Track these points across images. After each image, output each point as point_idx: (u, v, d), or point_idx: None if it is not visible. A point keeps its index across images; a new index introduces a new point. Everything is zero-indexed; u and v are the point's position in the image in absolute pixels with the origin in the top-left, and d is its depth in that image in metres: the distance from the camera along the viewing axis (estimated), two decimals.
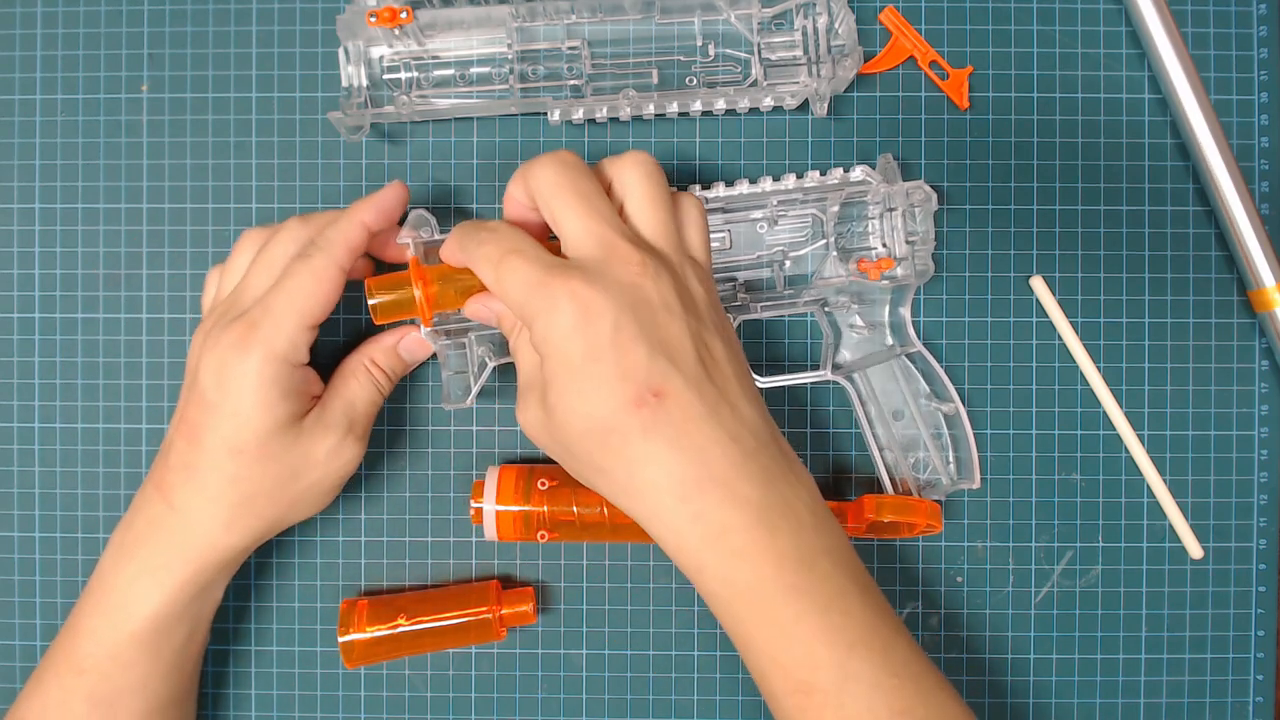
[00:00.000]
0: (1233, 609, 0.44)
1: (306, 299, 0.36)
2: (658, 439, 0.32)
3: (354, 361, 0.40)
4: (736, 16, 0.43)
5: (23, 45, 0.44)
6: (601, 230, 0.33)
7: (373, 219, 0.38)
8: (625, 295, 0.32)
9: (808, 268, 0.43)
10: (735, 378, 0.34)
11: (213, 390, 0.36)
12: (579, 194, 0.34)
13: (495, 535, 0.41)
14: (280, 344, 0.36)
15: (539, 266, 0.33)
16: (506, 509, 0.41)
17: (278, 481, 0.38)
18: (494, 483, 0.42)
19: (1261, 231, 0.42)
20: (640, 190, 0.35)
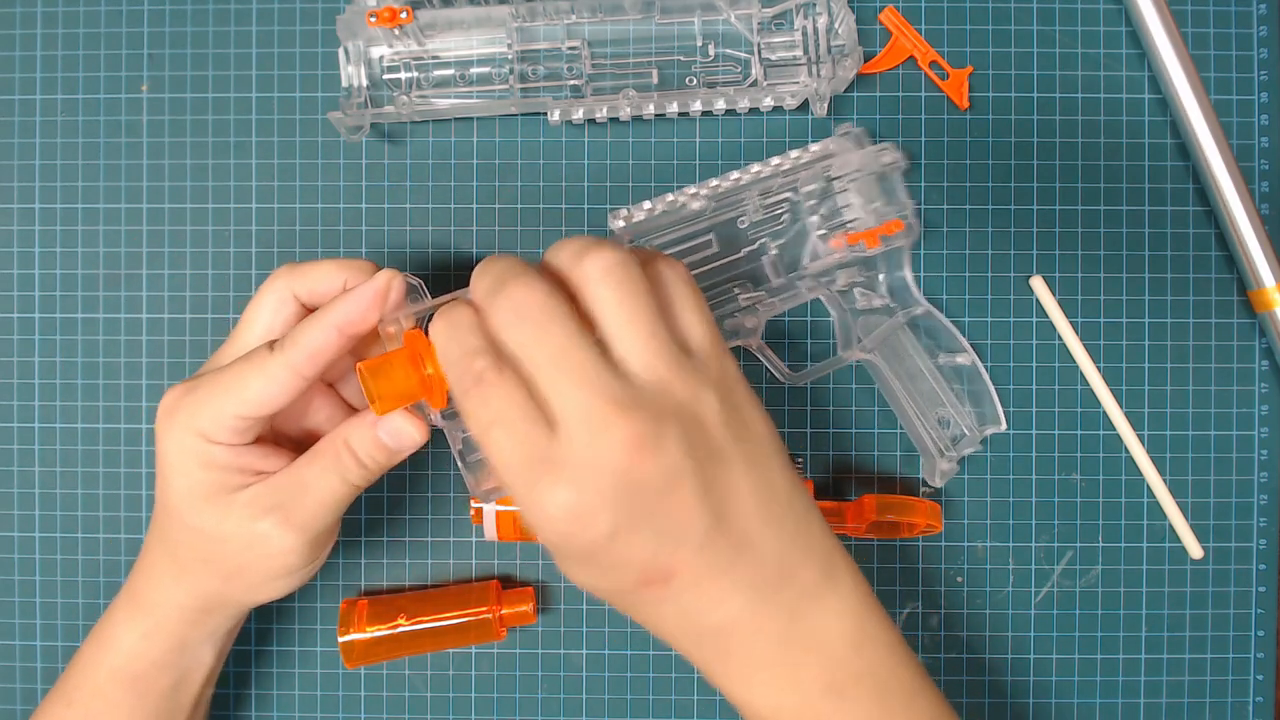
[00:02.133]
0: (1233, 609, 0.44)
1: (247, 392, 0.33)
2: (666, 610, 0.31)
3: (326, 441, 0.35)
4: (736, 16, 0.43)
5: (23, 45, 0.44)
6: (585, 400, 0.28)
7: (347, 322, 0.33)
8: (620, 485, 0.28)
9: (802, 258, 0.42)
10: (758, 512, 0.30)
11: (158, 439, 0.35)
12: (556, 350, 0.29)
13: (495, 535, 0.41)
14: (204, 422, 0.33)
15: (524, 456, 0.28)
16: (507, 509, 0.41)
17: (208, 552, 0.35)
18: None
19: (1261, 231, 0.42)
20: (616, 314, 0.30)
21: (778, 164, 0.41)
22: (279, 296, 0.36)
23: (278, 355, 0.33)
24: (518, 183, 0.44)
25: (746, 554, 0.30)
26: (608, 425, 0.28)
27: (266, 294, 0.36)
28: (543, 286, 0.29)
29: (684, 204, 0.39)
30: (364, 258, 0.39)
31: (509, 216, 0.44)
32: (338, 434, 0.35)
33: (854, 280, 0.43)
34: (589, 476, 0.28)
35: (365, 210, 0.44)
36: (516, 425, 0.29)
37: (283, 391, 0.33)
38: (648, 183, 0.44)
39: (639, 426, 0.28)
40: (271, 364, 0.33)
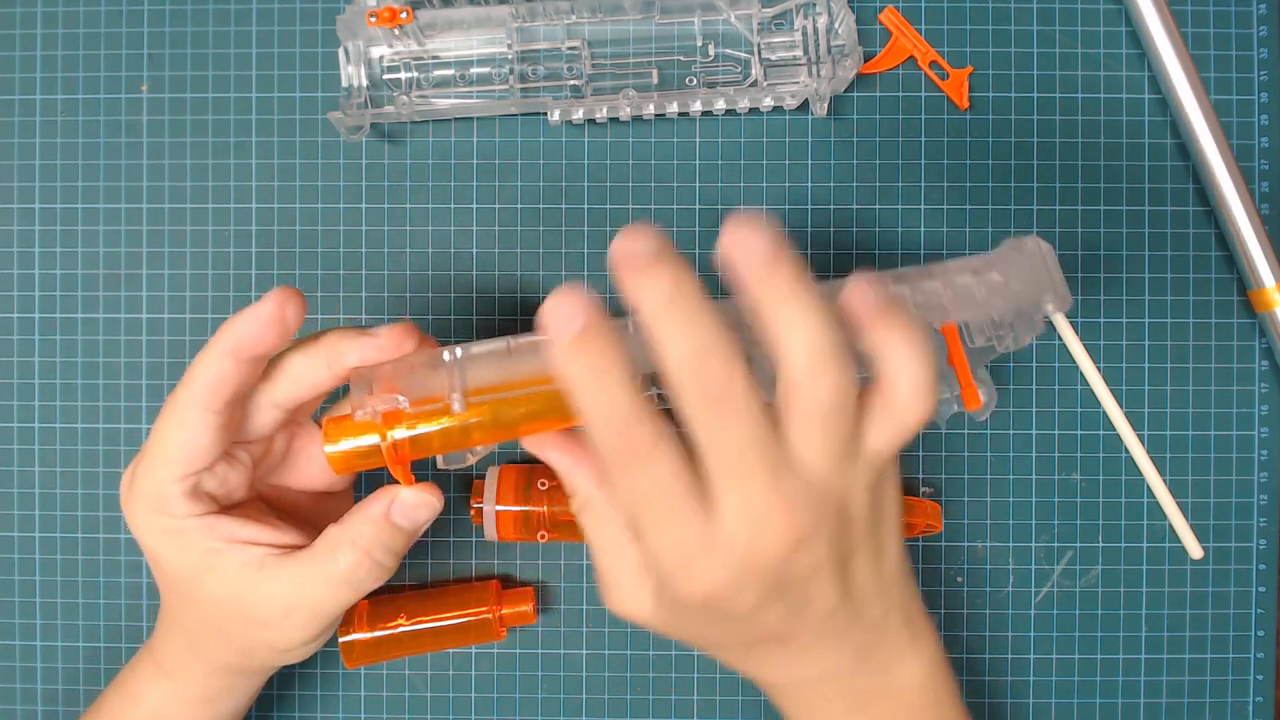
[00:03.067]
0: (1233, 609, 0.44)
1: (172, 447, 0.31)
2: (772, 664, 0.32)
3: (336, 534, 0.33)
4: (736, 16, 0.43)
5: (23, 45, 0.44)
6: (759, 498, 0.26)
7: (238, 347, 0.31)
8: (771, 576, 0.27)
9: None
10: (875, 589, 0.31)
11: None
12: (739, 448, 0.26)
13: (495, 535, 0.42)
14: (152, 498, 0.32)
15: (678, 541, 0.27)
16: (507, 509, 0.41)
17: (216, 624, 0.34)
18: (494, 483, 0.41)
19: (1261, 231, 0.42)
20: (810, 403, 0.27)
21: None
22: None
23: (178, 397, 0.32)
24: (518, 183, 0.44)
25: (860, 622, 0.31)
26: (772, 523, 0.26)
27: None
28: (743, 373, 0.26)
29: None
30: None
31: (509, 216, 0.44)
32: (350, 531, 0.33)
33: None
34: (743, 566, 0.27)
35: (365, 210, 0.44)
36: (674, 511, 0.27)
37: (203, 435, 0.31)
38: (648, 183, 0.44)
39: (800, 529, 0.27)
40: (180, 408, 0.31)
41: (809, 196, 0.44)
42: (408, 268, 0.44)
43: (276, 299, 0.31)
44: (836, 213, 0.44)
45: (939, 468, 0.44)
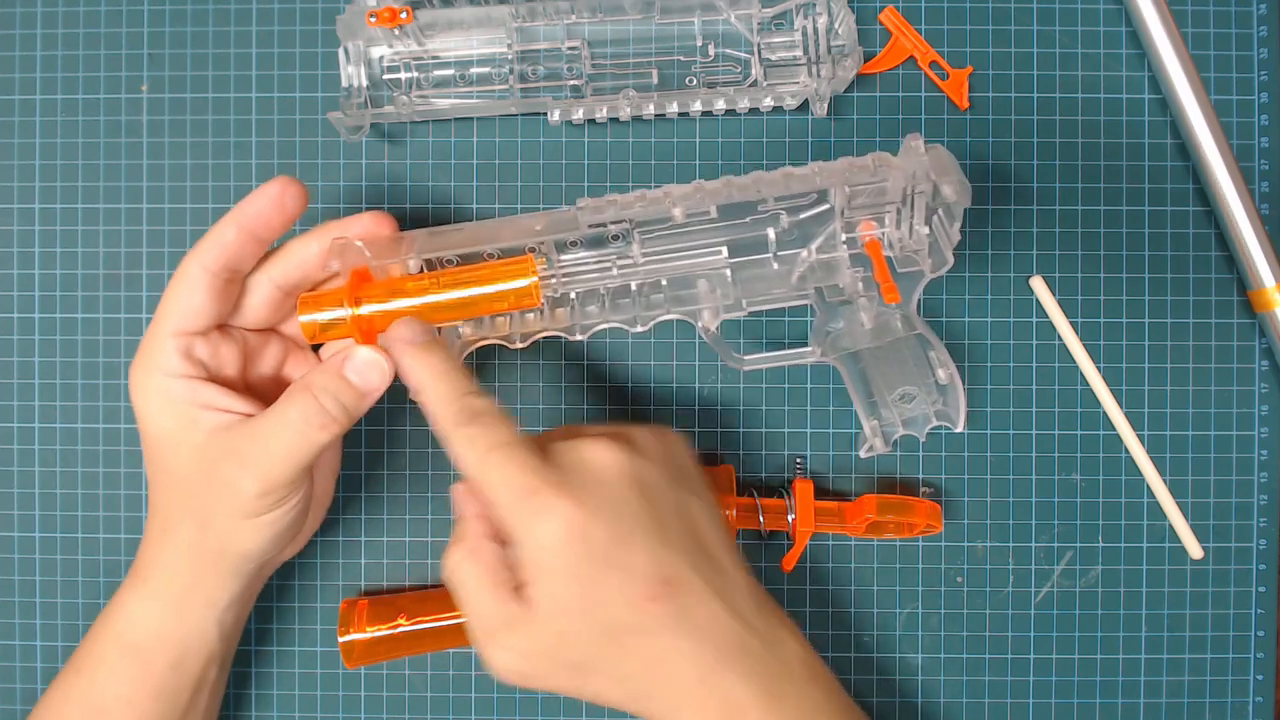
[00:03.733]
0: (1233, 609, 0.44)
1: (171, 304, 0.35)
2: (677, 630, 0.32)
3: (293, 387, 0.36)
4: (736, 16, 0.43)
5: (23, 45, 0.44)
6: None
7: (240, 216, 0.36)
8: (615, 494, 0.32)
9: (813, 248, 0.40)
10: (719, 542, 0.35)
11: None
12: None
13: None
14: (155, 356, 0.35)
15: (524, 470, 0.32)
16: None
17: (182, 498, 0.36)
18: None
19: (1261, 231, 0.42)
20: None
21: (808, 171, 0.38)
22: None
23: (185, 260, 0.35)
24: (518, 183, 0.44)
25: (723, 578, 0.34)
26: (594, 445, 0.34)
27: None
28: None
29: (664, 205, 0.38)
30: None
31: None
32: (304, 380, 0.36)
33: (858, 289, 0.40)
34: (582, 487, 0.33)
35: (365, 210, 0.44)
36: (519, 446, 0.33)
37: (203, 293, 0.35)
38: (648, 183, 0.44)
39: (621, 447, 0.34)
40: (183, 268, 0.35)
41: None
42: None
43: (278, 182, 0.36)
44: None
45: (939, 468, 0.44)
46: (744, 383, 0.44)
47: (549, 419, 0.44)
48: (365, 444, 0.44)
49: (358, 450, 0.44)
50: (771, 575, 0.44)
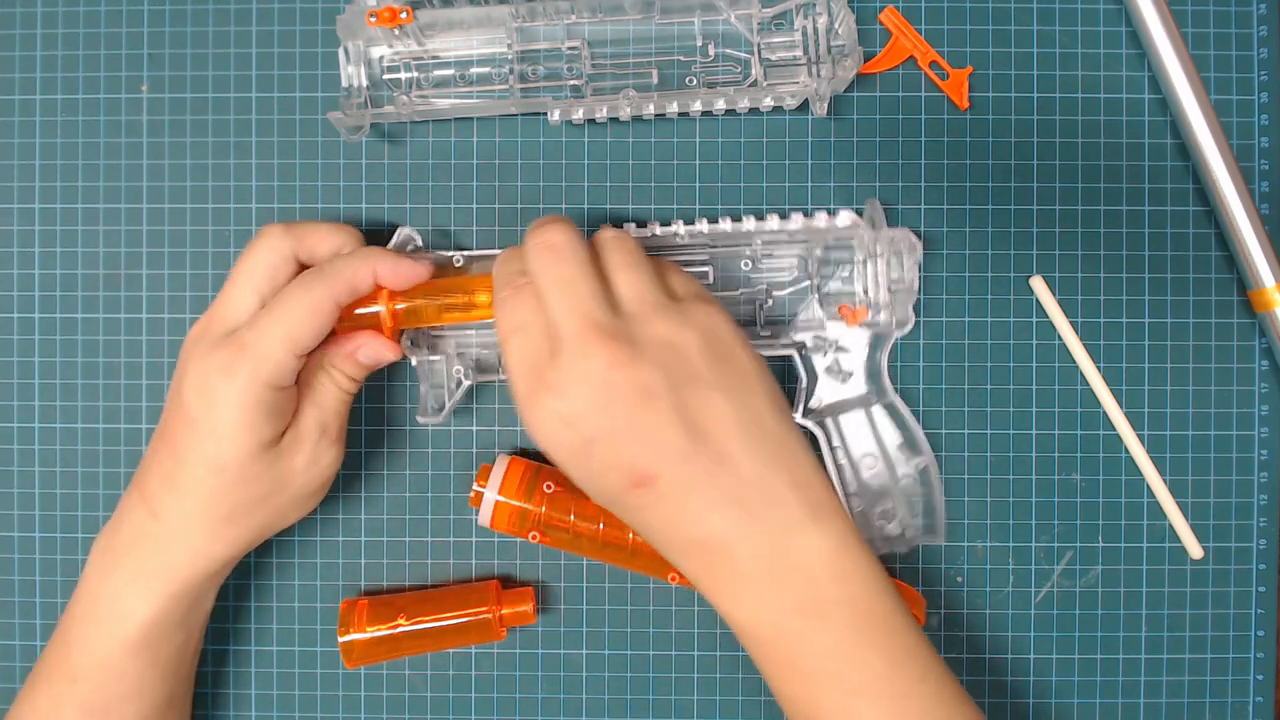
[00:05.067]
0: (1233, 609, 0.44)
1: (299, 327, 0.36)
2: (655, 514, 0.34)
3: (312, 366, 0.39)
4: (736, 16, 0.43)
5: (23, 45, 0.44)
6: (576, 324, 0.33)
7: (388, 273, 0.38)
8: (599, 396, 0.33)
9: (788, 310, 0.43)
10: (738, 434, 0.33)
11: (196, 407, 0.36)
12: (561, 281, 0.34)
13: (489, 522, 0.42)
14: (267, 370, 0.36)
15: (529, 363, 0.34)
16: (506, 501, 0.41)
17: (260, 497, 0.38)
18: (501, 472, 0.42)
19: (1261, 231, 0.42)
20: (618, 262, 0.36)
21: (797, 224, 0.42)
22: (280, 255, 0.38)
23: (319, 289, 0.36)
24: (518, 183, 0.44)
25: (726, 470, 0.33)
26: (590, 344, 0.33)
27: (263, 251, 0.38)
28: (568, 231, 0.35)
29: (679, 237, 0.42)
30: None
31: (509, 216, 0.44)
32: (321, 361, 0.39)
33: (832, 351, 0.42)
34: (574, 389, 0.33)
35: (365, 210, 0.44)
36: (531, 336, 0.34)
37: (328, 322, 0.37)
38: (648, 183, 0.44)
39: (617, 348, 0.33)
40: (317, 297, 0.36)
41: (809, 196, 0.44)
42: None
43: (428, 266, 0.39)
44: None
45: (940, 468, 0.44)
46: None
47: None
48: (365, 444, 0.44)
49: (358, 450, 0.44)
50: None
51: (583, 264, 0.35)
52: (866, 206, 0.42)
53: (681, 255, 0.42)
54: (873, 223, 0.42)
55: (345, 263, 0.37)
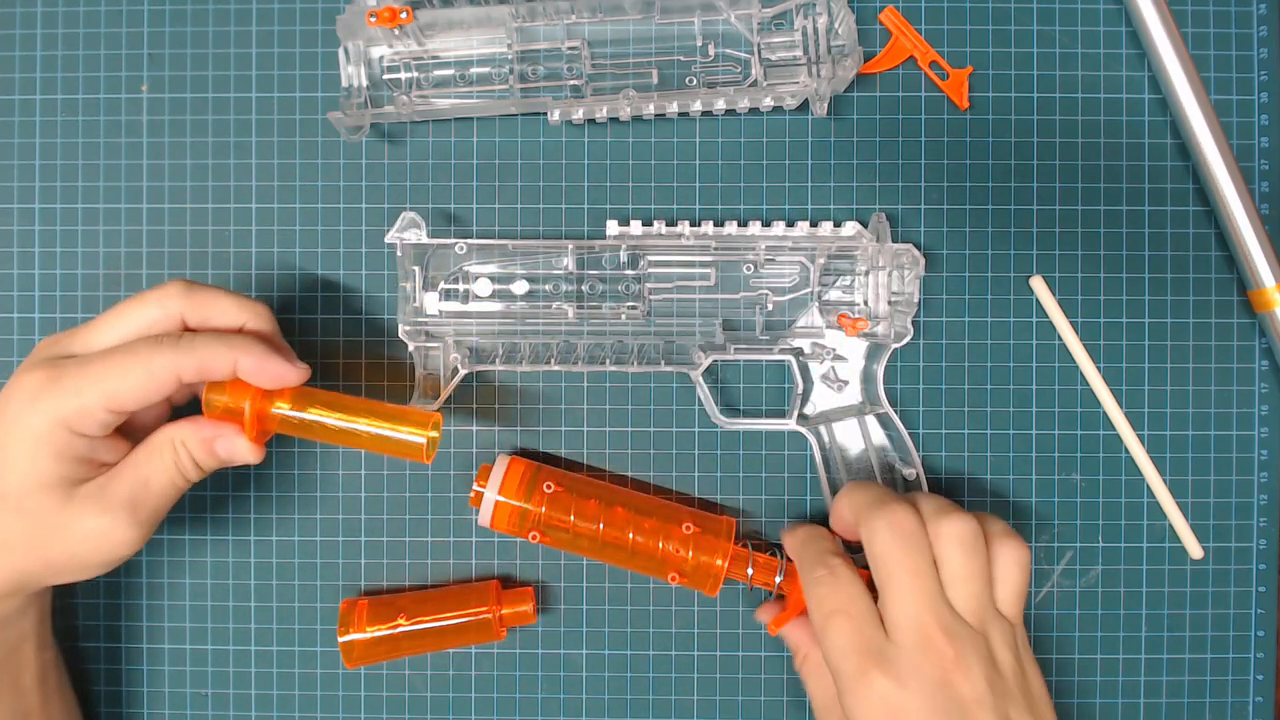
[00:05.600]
0: (1233, 609, 0.44)
1: (124, 385, 0.33)
2: None
3: (163, 436, 0.36)
4: (736, 16, 0.43)
5: (23, 45, 0.44)
6: (923, 619, 0.34)
7: (250, 369, 0.35)
8: (936, 695, 0.33)
9: (788, 315, 0.43)
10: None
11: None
12: (912, 571, 0.35)
13: (489, 523, 0.41)
14: (70, 411, 0.33)
15: (858, 646, 0.34)
16: (506, 501, 0.41)
17: (35, 539, 0.35)
18: (501, 472, 0.41)
19: (1261, 231, 0.42)
20: (960, 570, 0.35)
21: (801, 232, 0.42)
22: (166, 313, 0.36)
23: (167, 355, 0.34)
24: (518, 183, 0.44)
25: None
26: (933, 641, 0.34)
27: (154, 304, 0.36)
28: (919, 519, 0.36)
29: (685, 237, 0.42)
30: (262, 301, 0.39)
31: (509, 216, 0.44)
32: (174, 431, 0.36)
33: (828, 359, 0.43)
34: (912, 682, 0.33)
35: (365, 210, 0.44)
36: (856, 620, 0.35)
37: (160, 392, 0.34)
38: (648, 183, 0.44)
39: (956, 651, 0.34)
40: (158, 367, 0.34)
41: (809, 196, 0.44)
42: None
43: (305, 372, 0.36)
44: (836, 213, 0.44)
45: (940, 467, 0.44)
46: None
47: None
48: None
49: (358, 450, 0.44)
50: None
51: (929, 559, 0.35)
52: (872, 219, 0.42)
53: (685, 256, 0.42)
54: (877, 235, 0.42)
55: (209, 341, 0.35)
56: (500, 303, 0.42)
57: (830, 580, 0.36)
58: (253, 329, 0.37)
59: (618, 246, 0.42)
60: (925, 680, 0.33)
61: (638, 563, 0.42)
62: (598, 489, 0.42)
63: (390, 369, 0.44)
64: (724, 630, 0.44)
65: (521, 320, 0.42)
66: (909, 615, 0.34)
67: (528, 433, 0.44)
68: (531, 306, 0.42)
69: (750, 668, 0.44)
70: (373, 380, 0.44)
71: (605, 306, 0.42)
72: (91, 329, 0.36)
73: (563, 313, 0.42)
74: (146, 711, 0.44)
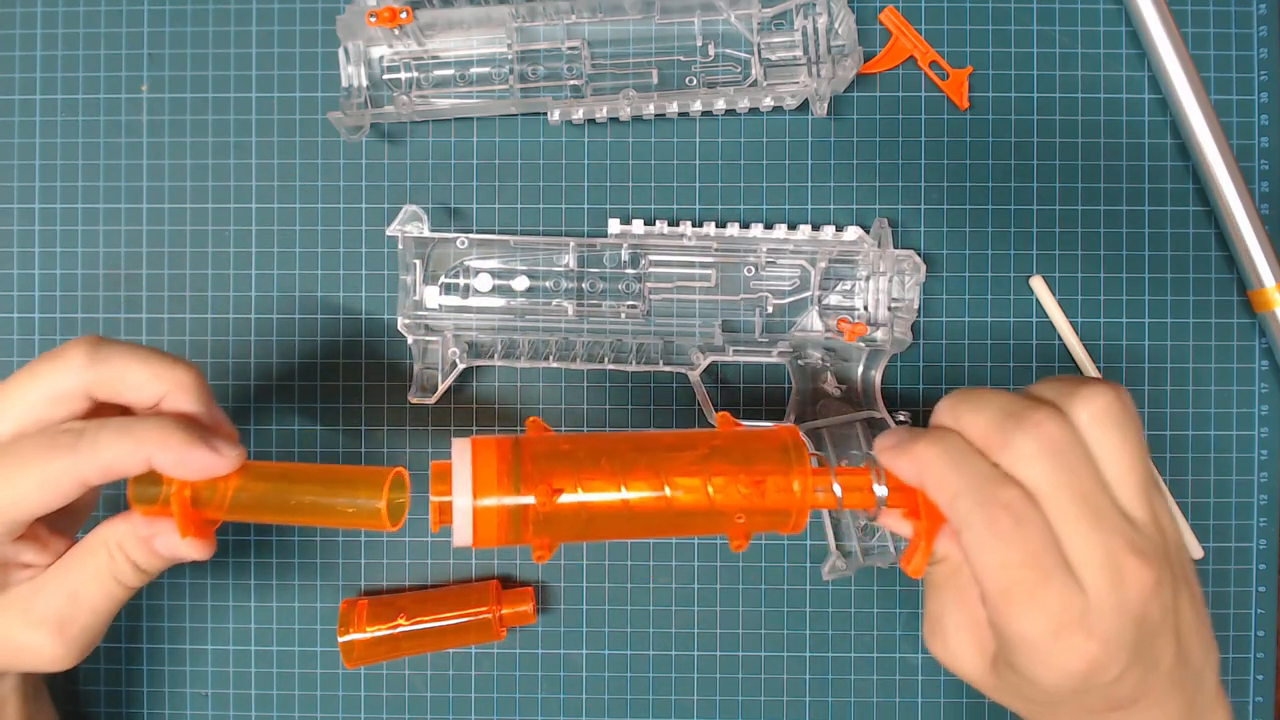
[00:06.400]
0: (1233, 609, 0.44)
1: (15, 498, 0.29)
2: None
3: (96, 539, 0.31)
4: (736, 16, 0.43)
5: (23, 45, 0.44)
6: (1114, 552, 0.28)
7: (170, 464, 0.30)
8: (1136, 632, 0.28)
9: (787, 317, 0.43)
10: (1196, 631, 0.30)
11: None
12: (1083, 495, 0.28)
13: (470, 540, 0.30)
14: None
15: (1058, 607, 0.28)
16: (485, 503, 0.30)
17: None
18: (467, 465, 0.30)
19: (1261, 231, 0.42)
20: (1118, 459, 0.29)
21: (804, 235, 0.42)
22: (66, 390, 0.30)
23: (63, 458, 0.29)
24: (518, 183, 0.44)
25: (1188, 673, 0.30)
26: (1129, 574, 0.28)
27: (51, 378, 0.30)
28: (1070, 426, 0.29)
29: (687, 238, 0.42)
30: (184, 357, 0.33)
31: (509, 216, 0.44)
32: (107, 536, 0.32)
33: (827, 363, 0.43)
34: (1113, 628, 0.28)
35: (365, 210, 0.44)
36: (1051, 573, 0.28)
37: (62, 500, 0.29)
38: (648, 182, 0.44)
39: (1153, 573, 0.28)
40: (55, 468, 0.29)
41: (809, 196, 0.44)
42: None
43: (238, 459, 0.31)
44: (836, 213, 0.44)
45: None
46: None
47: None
48: (365, 444, 0.44)
49: (358, 450, 0.44)
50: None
51: (1096, 471, 0.29)
52: (874, 225, 0.42)
53: (685, 257, 0.42)
54: (879, 240, 0.42)
55: (113, 437, 0.29)
56: (500, 298, 0.42)
57: (1017, 532, 0.27)
58: (173, 406, 0.31)
59: (619, 245, 0.42)
60: (1126, 623, 0.28)
61: (685, 525, 0.31)
62: (596, 446, 0.31)
63: (390, 369, 0.44)
64: (724, 630, 0.44)
65: (521, 316, 0.42)
66: (1094, 548, 0.28)
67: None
68: (531, 303, 0.42)
69: (750, 668, 0.44)
70: (372, 380, 0.44)
71: (605, 305, 0.42)
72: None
73: (562, 310, 0.42)
74: (146, 711, 0.44)
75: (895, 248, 0.42)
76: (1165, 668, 0.29)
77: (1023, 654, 0.28)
